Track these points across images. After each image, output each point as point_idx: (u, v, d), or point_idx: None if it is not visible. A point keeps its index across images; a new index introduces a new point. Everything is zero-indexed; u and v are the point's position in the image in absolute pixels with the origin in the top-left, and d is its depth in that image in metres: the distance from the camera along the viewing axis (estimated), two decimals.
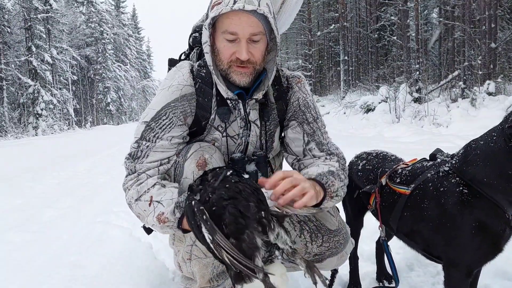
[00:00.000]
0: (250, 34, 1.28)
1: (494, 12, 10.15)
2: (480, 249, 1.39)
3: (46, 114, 25.17)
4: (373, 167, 1.84)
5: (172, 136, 1.35)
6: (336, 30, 20.74)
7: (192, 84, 1.39)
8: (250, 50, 1.30)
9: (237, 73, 1.34)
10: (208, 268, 1.34)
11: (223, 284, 1.40)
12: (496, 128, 1.39)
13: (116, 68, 42.52)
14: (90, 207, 3.81)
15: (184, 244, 1.35)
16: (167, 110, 1.35)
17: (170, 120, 1.35)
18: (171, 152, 1.35)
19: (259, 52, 1.34)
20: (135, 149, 1.36)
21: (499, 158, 1.33)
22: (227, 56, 1.32)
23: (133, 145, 1.37)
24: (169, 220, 1.22)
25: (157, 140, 1.34)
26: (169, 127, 1.35)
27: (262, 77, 1.41)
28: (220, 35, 1.31)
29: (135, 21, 59.04)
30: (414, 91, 11.54)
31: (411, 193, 1.56)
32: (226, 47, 1.31)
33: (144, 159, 1.34)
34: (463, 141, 5.86)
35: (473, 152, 1.42)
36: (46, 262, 2.30)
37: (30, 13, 25.50)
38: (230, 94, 1.36)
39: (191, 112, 1.39)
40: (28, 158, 8.55)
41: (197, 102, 1.39)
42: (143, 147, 1.35)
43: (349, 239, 1.57)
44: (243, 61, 1.31)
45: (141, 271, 2.06)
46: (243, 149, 1.46)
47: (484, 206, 1.37)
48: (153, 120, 1.35)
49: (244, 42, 1.29)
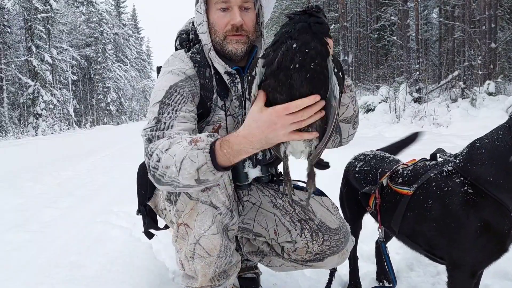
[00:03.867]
0: (242, 1, 1.38)
1: (494, 12, 10.13)
2: (485, 249, 1.38)
3: (46, 114, 25.16)
4: (371, 168, 1.82)
5: (189, 110, 1.34)
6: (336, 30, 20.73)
7: (192, 67, 1.44)
8: (242, 17, 1.39)
9: (233, 42, 1.41)
10: (210, 267, 1.34)
11: (224, 283, 1.41)
12: (502, 126, 1.38)
13: (116, 68, 42.51)
14: (90, 207, 3.81)
15: (187, 242, 1.35)
16: (176, 88, 1.36)
17: (182, 95, 1.35)
18: (192, 124, 1.32)
19: (251, 21, 1.43)
20: (155, 125, 1.27)
21: (506, 156, 1.32)
22: (222, 26, 1.40)
23: (151, 123, 1.29)
24: (202, 140, 1.10)
25: (177, 112, 1.30)
26: (183, 102, 1.34)
27: (254, 54, 1.48)
28: (213, 7, 1.41)
29: (135, 21, 59.05)
30: (414, 91, 11.53)
31: (413, 194, 1.54)
32: (220, 17, 1.40)
33: (170, 130, 1.25)
34: (463, 141, 5.88)
35: (477, 151, 1.41)
36: (46, 262, 2.30)
37: (30, 13, 25.49)
38: (228, 68, 1.42)
39: (197, 93, 1.42)
40: (28, 158, 8.54)
41: (200, 84, 1.43)
42: (165, 119, 1.28)
43: (349, 237, 1.57)
44: (238, 28, 1.38)
45: (141, 271, 2.06)
46: None
47: (489, 206, 1.36)
48: (166, 97, 1.33)
49: (237, 9, 1.38)
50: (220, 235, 1.32)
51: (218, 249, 1.32)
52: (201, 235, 1.31)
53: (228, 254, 1.35)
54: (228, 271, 1.39)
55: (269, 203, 1.57)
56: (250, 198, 1.58)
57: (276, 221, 1.54)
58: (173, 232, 1.42)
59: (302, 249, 1.52)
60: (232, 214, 1.35)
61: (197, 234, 1.31)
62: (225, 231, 1.36)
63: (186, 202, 1.32)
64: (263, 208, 1.57)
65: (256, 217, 1.57)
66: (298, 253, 1.54)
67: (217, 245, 1.31)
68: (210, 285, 1.38)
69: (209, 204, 1.30)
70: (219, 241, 1.31)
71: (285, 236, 1.52)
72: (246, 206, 1.58)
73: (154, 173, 1.17)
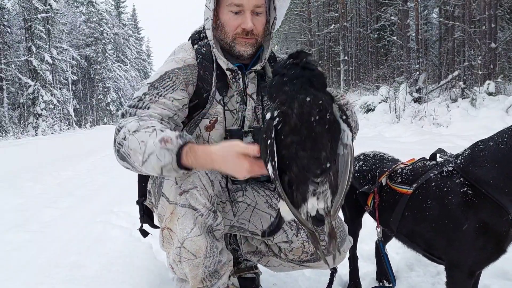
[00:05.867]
0: (254, 6, 1.39)
1: (494, 12, 10.14)
2: (483, 250, 1.38)
3: (46, 114, 25.18)
4: (370, 167, 1.82)
5: (174, 98, 1.37)
6: (336, 30, 20.73)
7: (194, 57, 1.47)
8: (253, 22, 1.40)
9: (241, 44, 1.43)
10: (199, 268, 1.32)
11: (216, 284, 1.39)
12: (507, 129, 1.37)
13: (116, 68, 42.53)
14: (90, 207, 3.81)
15: (173, 246, 1.34)
16: (170, 74, 1.41)
17: (174, 82, 1.40)
18: (171, 112, 1.36)
19: (261, 25, 1.45)
20: (136, 102, 1.34)
21: (509, 159, 1.32)
22: (233, 28, 1.41)
23: (134, 101, 1.35)
24: (171, 142, 1.13)
25: (159, 97, 1.36)
26: (172, 89, 1.38)
27: (259, 52, 1.50)
28: (225, 8, 1.41)
29: (135, 21, 59.03)
30: (414, 91, 11.54)
31: (413, 193, 1.54)
32: (232, 19, 1.41)
33: (146, 110, 1.32)
34: (463, 141, 5.88)
35: (480, 152, 1.41)
36: (46, 262, 2.30)
37: (30, 13, 25.50)
38: (230, 65, 1.44)
39: (193, 82, 1.44)
40: (28, 158, 8.54)
41: (198, 74, 1.45)
42: (145, 99, 1.34)
43: (346, 237, 1.57)
44: (248, 32, 1.40)
45: (141, 271, 2.06)
46: (240, 123, 1.52)
47: (488, 207, 1.36)
48: (157, 81, 1.39)
49: (249, 13, 1.39)
50: (204, 235, 1.30)
51: (204, 250, 1.31)
52: (184, 238, 1.29)
53: (215, 254, 1.34)
54: (220, 270, 1.38)
55: (264, 203, 1.57)
56: (245, 199, 1.57)
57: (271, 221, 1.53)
58: (159, 237, 1.41)
59: (298, 249, 1.52)
60: (215, 215, 1.34)
61: (180, 237, 1.30)
62: (210, 232, 1.34)
63: (165, 206, 1.33)
64: (258, 209, 1.56)
65: (251, 218, 1.56)
66: (294, 253, 1.54)
67: (202, 246, 1.30)
68: (201, 286, 1.35)
69: (188, 206, 1.29)
70: (203, 242, 1.30)
71: (281, 236, 1.52)
72: (241, 206, 1.57)
73: (119, 149, 1.24)
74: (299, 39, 26.98)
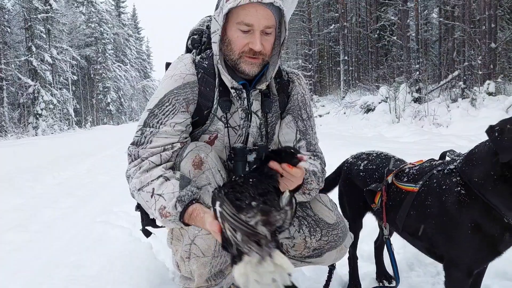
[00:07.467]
0: (265, 27, 1.33)
1: (494, 12, 10.13)
2: (478, 250, 1.39)
3: (46, 114, 25.14)
4: (377, 166, 1.82)
5: (176, 123, 1.38)
6: (336, 30, 20.72)
7: (194, 73, 1.43)
8: (262, 42, 1.34)
9: (247, 63, 1.38)
10: (206, 267, 1.34)
11: (220, 283, 1.41)
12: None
13: (116, 68, 42.51)
14: (90, 207, 3.81)
15: (182, 244, 1.35)
16: (170, 96, 1.39)
17: (173, 106, 1.38)
18: (174, 138, 1.37)
19: (270, 45, 1.39)
20: (139, 136, 1.38)
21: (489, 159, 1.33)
22: (240, 46, 1.36)
23: (137, 133, 1.39)
24: (170, 215, 1.23)
25: (160, 126, 1.36)
26: (172, 113, 1.38)
27: (265, 69, 1.45)
28: (233, 26, 1.35)
29: (135, 21, 59.01)
30: (414, 91, 11.53)
31: (418, 191, 1.55)
32: (240, 38, 1.35)
33: (148, 145, 1.36)
34: (463, 141, 5.88)
35: (473, 151, 1.42)
36: (46, 262, 2.30)
37: (30, 13, 25.47)
38: (235, 84, 1.40)
39: (193, 100, 1.42)
40: (28, 158, 8.53)
41: (199, 91, 1.42)
42: (147, 133, 1.37)
43: (347, 232, 1.58)
44: (255, 52, 1.35)
45: (141, 271, 2.06)
46: (244, 140, 1.50)
47: (478, 208, 1.36)
48: (156, 106, 1.39)
49: (258, 34, 1.33)
50: None
51: (213, 249, 1.32)
52: (195, 235, 1.32)
53: (223, 254, 1.35)
54: (225, 270, 1.39)
55: None
56: None
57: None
58: (168, 234, 1.42)
59: (301, 244, 1.53)
60: None
61: (191, 234, 1.32)
62: None
63: None
64: None
65: None
66: (296, 249, 1.55)
67: (211, 245, 1.32)
68: (206, 285, 1.38)
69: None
70: (213, 241, 1.32)
71: (283, 232, 1.53)
72: None
73: (133, 196, 1.37)
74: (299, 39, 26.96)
